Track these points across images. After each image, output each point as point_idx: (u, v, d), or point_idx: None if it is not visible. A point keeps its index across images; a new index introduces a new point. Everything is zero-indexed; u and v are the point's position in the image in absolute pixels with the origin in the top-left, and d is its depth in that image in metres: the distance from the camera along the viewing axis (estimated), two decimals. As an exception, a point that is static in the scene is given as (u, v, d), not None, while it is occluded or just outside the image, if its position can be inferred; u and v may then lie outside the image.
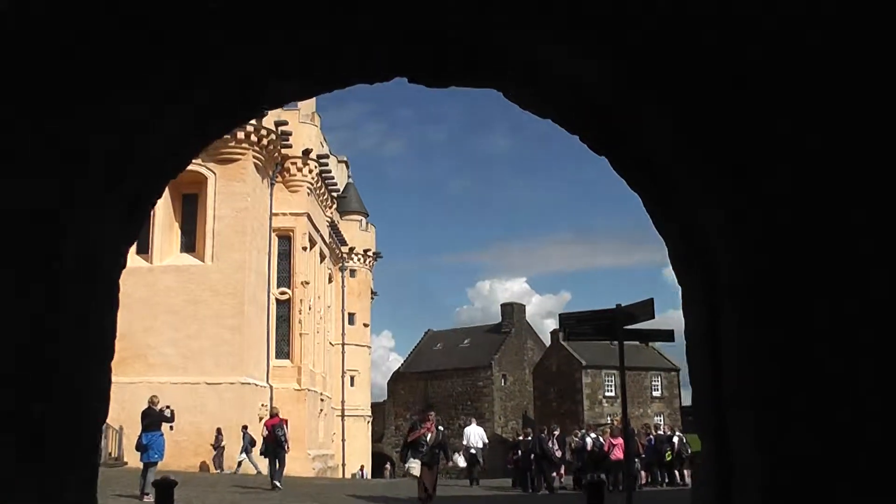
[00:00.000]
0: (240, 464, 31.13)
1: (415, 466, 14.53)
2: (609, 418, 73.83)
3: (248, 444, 30.94)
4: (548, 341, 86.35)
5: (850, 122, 4.72)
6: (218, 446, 31.86)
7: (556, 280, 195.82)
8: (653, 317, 13.72)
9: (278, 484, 21.83)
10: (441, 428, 15.94)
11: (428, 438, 14.62)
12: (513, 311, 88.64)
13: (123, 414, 25.95)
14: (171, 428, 20.48)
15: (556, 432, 26.62)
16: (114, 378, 22.29)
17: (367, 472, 55.98)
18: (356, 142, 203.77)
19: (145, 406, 18.65)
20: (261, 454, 23.25)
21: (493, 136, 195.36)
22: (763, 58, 4.81)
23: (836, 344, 4.62)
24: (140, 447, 17.96)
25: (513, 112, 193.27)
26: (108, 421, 23.22)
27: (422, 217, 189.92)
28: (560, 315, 14.48)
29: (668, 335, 14.58)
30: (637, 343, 77.90)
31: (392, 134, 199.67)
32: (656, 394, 78.84)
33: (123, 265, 6.55)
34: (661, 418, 71.76)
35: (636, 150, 6.14)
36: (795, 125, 4.81)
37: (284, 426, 23.19)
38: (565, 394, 77.08)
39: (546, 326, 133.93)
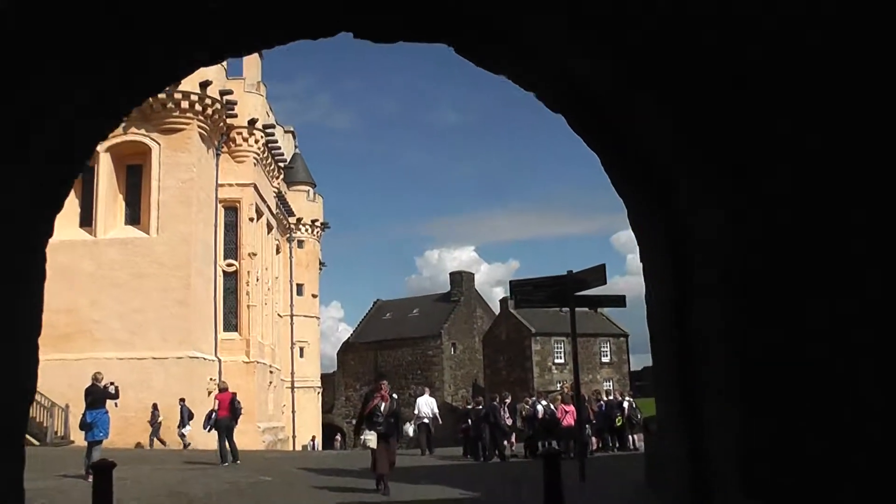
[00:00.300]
0: (184, 437, 30.56)
1: (371, 438, 13.99)
2: (559, 385, 74.33)
3: (186, 417, 30.41)
4: (497, 309, 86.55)
5: (850, 122, 4.69)
6: (154, 422, 31.37)
7: (504, 248, 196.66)
8: (604, 282, 13.65)
9: (236, 461, 21.55)
10: (395, 396, 15.43)
11: (382, 408, 14.08)
12: (462, 279, 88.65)
13: (70, 391, 25.61)
14: (116, 405, 20.12)
15: (508, 400, 26.61)
16: (59, 355, 22.02)
17: (318, 443, 55.69)
18: (303, 113, 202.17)
19: (89, 383, 18.16)
20: (211, 429, 22.77)
21: (441, 111, 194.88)
22: (763, 58, 4.79)
23: (833, 343, 4.60)
24: (84, 425, 17.51)
25: (459, 86, 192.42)
26: (53, 399, 22.89)
27: (370, 188, 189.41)
28: (510, 282, 14.30)
29: (619, 300, 14.51)
30: (587, 309, 78.58)
31: (340, 105, 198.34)
32: (605, 360, 79.33)
33: (50, 233, 6.20)
34: (611, 384, 72.29)
35: (633, 150, 6.07)
36: (795, 125, 4.78)
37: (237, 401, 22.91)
38: (515, 361, 77.33)
39: (495, 295, 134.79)
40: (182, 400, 30.83)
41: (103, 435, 17.36)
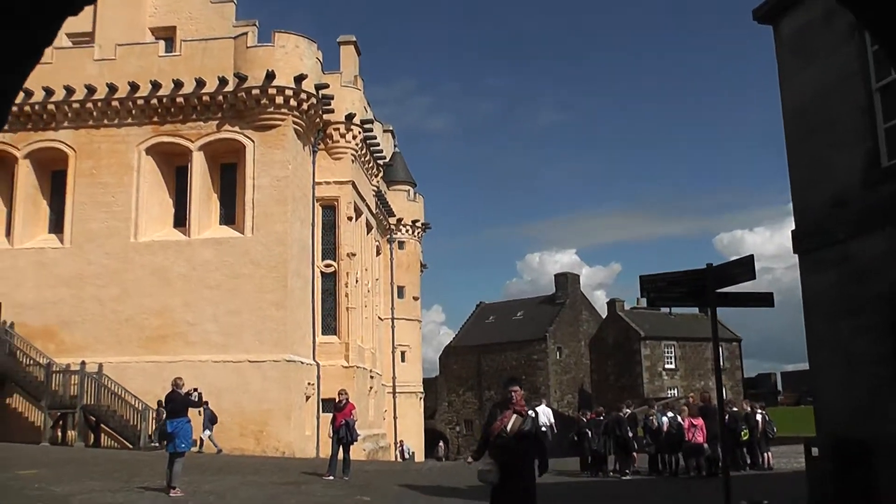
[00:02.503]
0: (201, 441, 28.78)
1: (489, 470, 9.57)
2: (669, 392, 71.76)
3: (209, 420, 28.82)
4: (603, 312, 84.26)
5: None
6: (160, 419, 29.71)
7: (605, 251, 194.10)
8: (753, 276, 11.56)
9: (347, 477, 19.81)
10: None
11: (510, 427, 9.61)
12: (567, 281, 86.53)
13: (164, 395, 24.29)
14: (200, 413, 18.70)
15: (628, 411, 24.36)
16: (152, 357, 21.09)
17: (410, 447, 53.56)
18: (401, 116, 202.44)
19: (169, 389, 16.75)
20: (337, 441, 20.87)
21: (542, 111, 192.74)
22: None
23: None
24: (165, 436, 16.17)
25: (560, 86, 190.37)
26: (147, 402, 21.65)
27: (469, 191, 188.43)
28: (641, 278, 12.22)
29: (766, 299, 12.39)
30: (696, 312, 75.51)
31: (438, 108, 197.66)
32: (718, 365, 76.47)
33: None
34: (724, 391, 69.51)
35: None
36: None
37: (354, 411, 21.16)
38: (623, 366, 74.99)
39: (596, 298, 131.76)
40: (206, 402, 29.10)
41: (185, 446, 15.93)
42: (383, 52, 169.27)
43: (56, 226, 34.69)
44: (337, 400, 20.76)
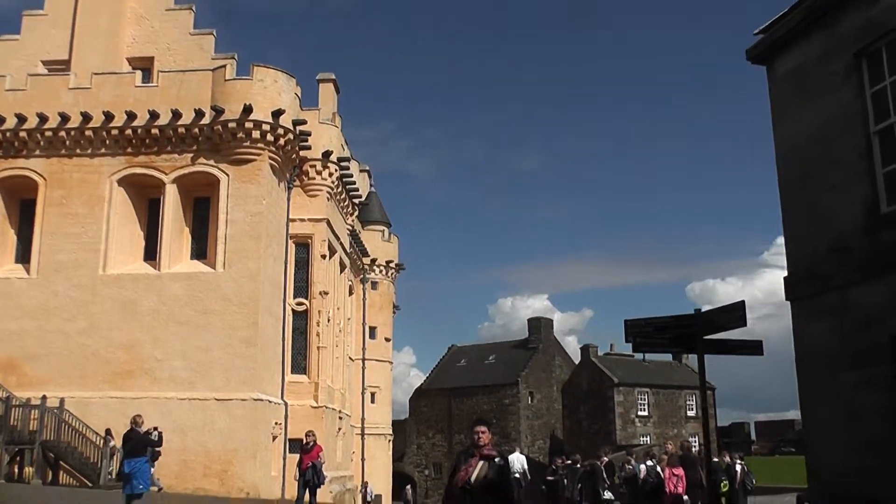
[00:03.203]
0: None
1: None
2: (642, 439, 71.21)
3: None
4: (576, 358, 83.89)
5: None
6: (107, 448, 28.63)
7: (577, 297, 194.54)
8: (744, 324, 11.19)
9: None
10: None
11: (473, 477, 8.67)
12: (540, 325, 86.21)
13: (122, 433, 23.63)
14: (159, 454, 18.04)
15: (606, 459, 23.81)
16: (118, 392, 20.46)
17: (373, 490, 52.44)
18: (379, 158, 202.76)
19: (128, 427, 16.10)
20: (304, 484, 20.17)
21: (520, 156, 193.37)
22: None
23: None
24: (122, 476, 15.49)
25: (541, 132, 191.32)
26: (111, 439, 20.89)
27: (445, 234, 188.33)
28: (626, 322, 11.79)
29: (755, 347, 12.02)
30: (670, 360, 75.34)
31: (418, 152, 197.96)
32: (691, 413, 76.06)
33: None
34: (697, 439, 69.08)
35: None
36: None
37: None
38: (596, 413, 74.54)
39: (568, 343, 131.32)
40: (108, 430, 28.54)
41: (144, 487, 15.33)
42: (364, 93, 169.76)
43: (23, 256, 33.78)
44: (304, 441, 20.21)
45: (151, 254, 33.17)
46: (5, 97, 34.13)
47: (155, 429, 16.88)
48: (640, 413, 73.87)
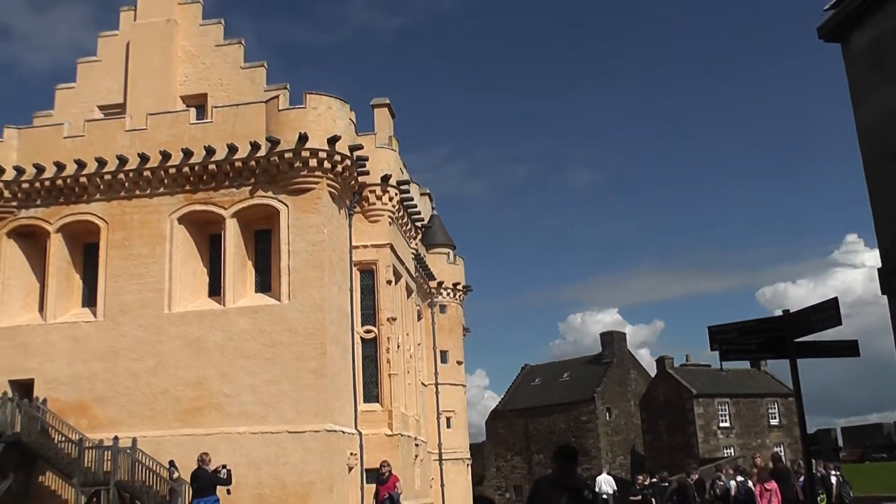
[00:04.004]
0: None
1: None
2: (725, 451, 69.49)
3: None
4: (651, 371, 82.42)
5: None
6: (172, 480, 28.39)
7: (647, 309, 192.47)
8: (839, 322, 10.31)
9: None
10: (588, 493, 8.53)
11: None
12: (613, 340, 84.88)
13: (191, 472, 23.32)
14: (229, 492, 17.58)
15: (695, 476, 22.77)
16: (189, 430, 20.14)
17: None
18: (438, 183, 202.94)
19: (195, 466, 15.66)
20: None
21: (576, 171, 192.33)
22: None
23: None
24: (192, 516, 15.05)
25: (594, 146, 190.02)
26: (182, 476, 20.57)
27: (508, 253, 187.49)
28: (710, 329, 10.98)
29: (851, 348, 11.12)
30: (748, 367, 73.42)
31: (474, 174, 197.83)
32: (774, 422, 74.08)
33: None
34: (782, 449, 67.27)
35: None
36: None
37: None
38: (676, 426, 72.91)
39: (641, 357, 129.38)
40: (172, 462, 28.26)
41: (213, 527, 14.79)
42: (416, 119, 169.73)
43: (89, 299, 34.13)
44: (380, 472, 19.68)
45: (215, 289, 33.06)
46: (64, 144, 34.47)
47: (223, 466, 16.41)
48: (721, 424, 72.07)
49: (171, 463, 28.64)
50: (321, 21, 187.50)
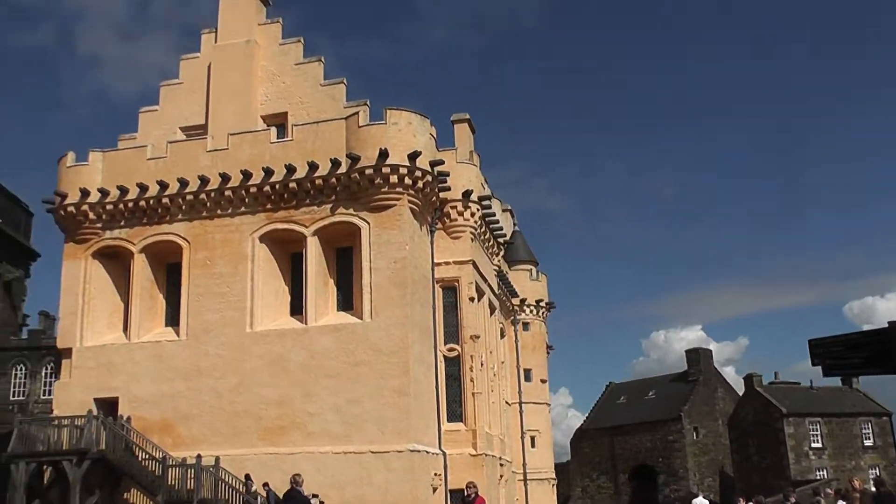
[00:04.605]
0: None
1: None
2: (818, 473, 67.23)
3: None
4: (739, 389, 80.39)
5: None
6: (248, 493, 28.54)
7: (731, 326, 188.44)
8: (956, 331, 9.45)
9: None
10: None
11: None
12: (699, 357, 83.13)
13: (284, 487, 23.21)
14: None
15: (793, 500, 21.76)
16: (272, 449, 19.96)
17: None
18: (518, 199, 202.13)
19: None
20: None
21: (657, 185, 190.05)
22: None
23: None
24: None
25: (676, 159, 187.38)
26: (252, 484, 20.19)
27: (587, 269, 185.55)
28: (811, 342, 10.16)
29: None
30: (839, 384, 70.90)
31: (556, 188, 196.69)
32: (868, 443, 71.52)
33: None
34: (877, 471, 64.94)
35: None
36: None
37: None
38: (766, 446, 70.81)
39: (727, 375, 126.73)
40: (266, 484, 28.18)
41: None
42: (497, 135, 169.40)
43: (172, 318, 34.43)
44: (465, 493, 19.06)
45: (297, 308, 32.96)
46: (147, 166, 34.83)
47: (315, 496, 16.01)
48: (813, 445, 69.73)
49: (248, 477, 28.69)
50: (400, 38, 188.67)
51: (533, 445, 54.56)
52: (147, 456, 30.60)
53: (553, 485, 58.07)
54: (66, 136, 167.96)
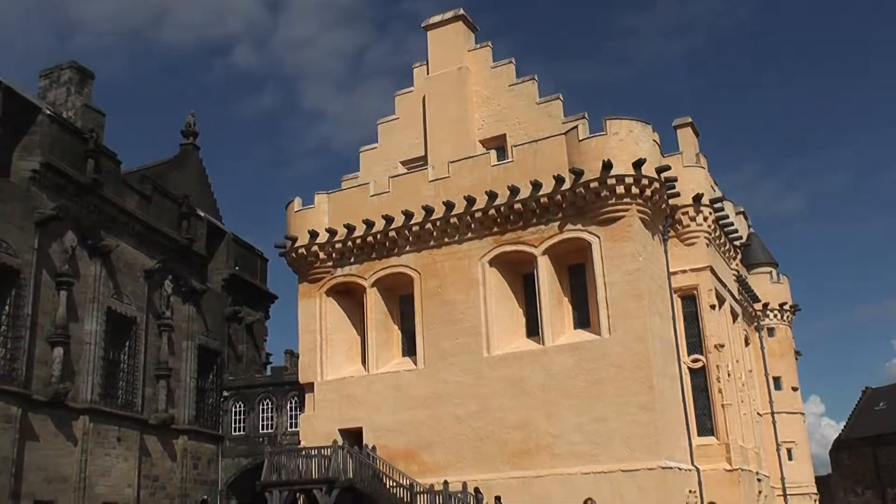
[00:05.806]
0: None
1: None
2: None
3: None
4: None
5: None
6: None
7: None
8: None
9: None
10: None
11: None
12: (964, 355, 76.96)
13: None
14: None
15: None
16: (518, 472, 19.37)
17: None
18: (750, 201, 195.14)
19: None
20: None
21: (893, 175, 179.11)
22: None
23: None
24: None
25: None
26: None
27: (830, 267, 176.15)
28: None
29: None
30: None
31: (788, 187, 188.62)
32: None
33: None
34: None
35: None
36: None
37: None
38: None
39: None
40: (498, 498, 27.84)
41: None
42: (720, 139, 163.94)
43: (408, 348, 35.09)
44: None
45: (533, 329, 32.61)
46: (371, 202, 35.58)
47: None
48: None
49: (497, 499, 28.41)
50: (609, 56, 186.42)
51: (790, 458, 51.67)
52: (394, 483, 30.97)
53: (815, 500, 54.83)
54: (293, 186, 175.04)
